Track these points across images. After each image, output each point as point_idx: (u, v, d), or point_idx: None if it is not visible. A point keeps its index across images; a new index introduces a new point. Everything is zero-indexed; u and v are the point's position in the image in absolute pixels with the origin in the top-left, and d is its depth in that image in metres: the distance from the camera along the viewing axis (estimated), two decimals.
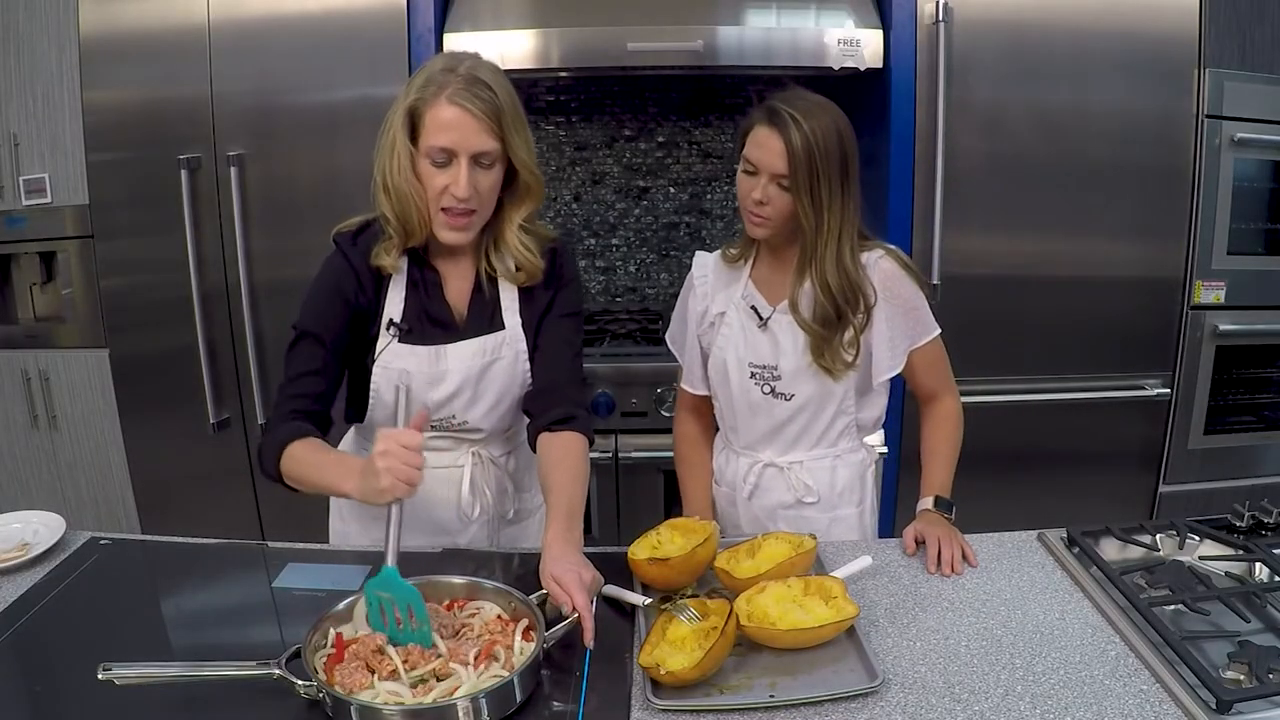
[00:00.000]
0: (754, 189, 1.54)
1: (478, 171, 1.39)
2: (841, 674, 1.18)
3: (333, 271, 1.49)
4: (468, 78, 1.37)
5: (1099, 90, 2.43)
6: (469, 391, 1.53)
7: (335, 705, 1.07)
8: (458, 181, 1.37)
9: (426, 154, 1.38)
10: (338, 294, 1.47)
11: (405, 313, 1.50)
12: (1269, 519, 1.53)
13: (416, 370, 1.50)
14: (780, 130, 1.49)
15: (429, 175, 1.39)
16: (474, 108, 1.36)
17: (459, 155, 1.37)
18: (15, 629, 1.29)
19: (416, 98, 1.38)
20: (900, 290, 1.60)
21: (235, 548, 1.60)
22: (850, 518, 1.70)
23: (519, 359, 1.55)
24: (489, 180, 1.41)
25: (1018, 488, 2.62)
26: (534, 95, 3.03)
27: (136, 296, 2.58)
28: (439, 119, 1.36)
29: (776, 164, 1.51)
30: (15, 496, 2.73)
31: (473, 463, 1.58)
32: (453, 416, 1.54)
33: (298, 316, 1.48)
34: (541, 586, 1.25)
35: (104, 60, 2.44)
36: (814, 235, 1.54)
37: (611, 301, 3.19)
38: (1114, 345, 2.60)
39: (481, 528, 1.62)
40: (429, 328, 1.51)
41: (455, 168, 1.38)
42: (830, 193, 1.51)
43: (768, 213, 1.54)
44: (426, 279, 1.52)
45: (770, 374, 1.63)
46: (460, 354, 1.51)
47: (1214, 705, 1.08)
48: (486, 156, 1.39)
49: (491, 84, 1.39)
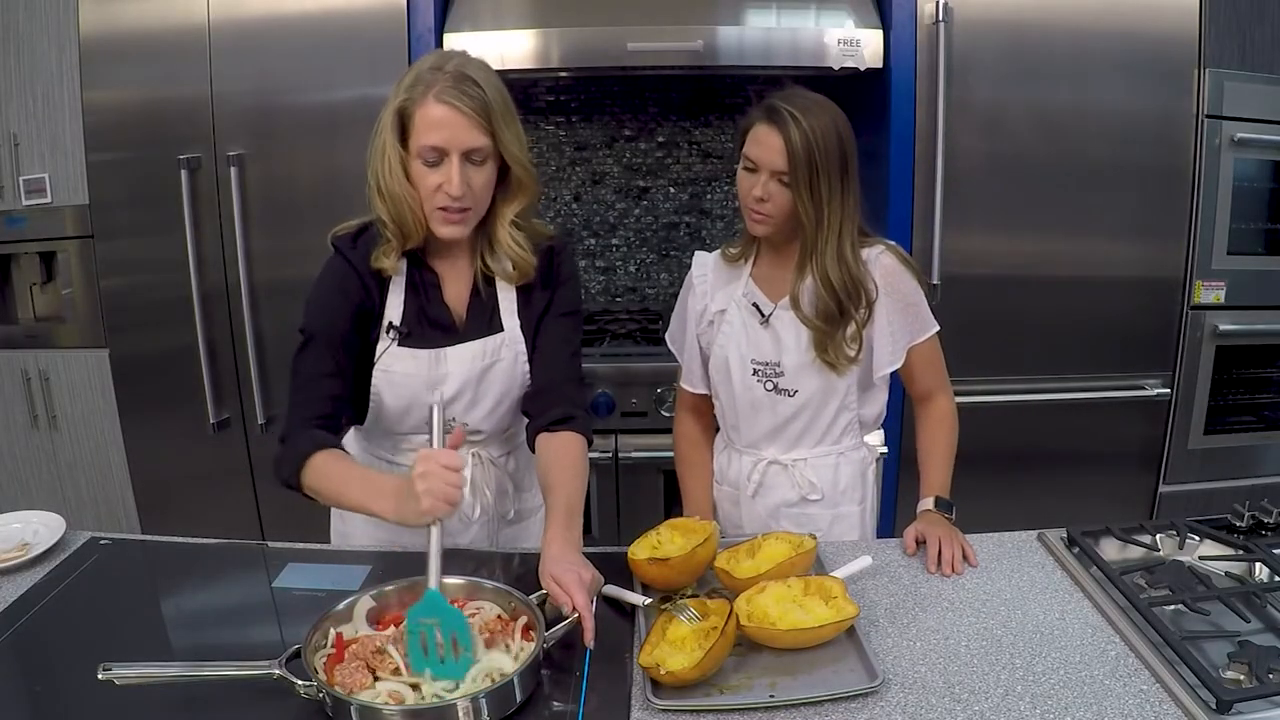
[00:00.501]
0: (754, 186, 1.54)
1: (470, 168, 1.38)
2: (841, 674, 1.18)
3: (335, 273, 1.48)
4: (455, 75, 1.36)
5: (1099, 90, 2.43)
6: (469, 394, 1.52)
7: (335, 705, 1.07)
8: (450, 180, 1.37)
9: (418, 154, 1.38)
10: (343, 295, 1.46)
11: (404, 316, 1.50)
12: (1269, 519, 1.53)
13: (416, 373, 1.49)
14: (779, 127, 1.50)
15: (421, 175, 1.39)
16: (463, 105, 1.35)
17: (450, 153, 1.36)
18: (15, 629, 1.29)
19: (405, 98, 1.37)
20: (900, 285, 1.61)
21: (235, 548, 1.60)
22: (852, 515, 1.71)
23: (518, 361, 1.54)
24: (482, 177, 1.40)
25: (1018, 488, 2.62)
26: (534, 95, 3.03)
27: (136, 296, 2.58)
28: (428, 118, 1.35)
29: (776, 161, 1.51)
30: (15, 496, 2.73)
31: (473, 464, 1.58)
32: (453, 419, 1.53)
33: (302, 321, 1.47)
34: (541, 586, 1.25)
35: (104, 60, 2.44)
36: (814, 231, 1.54)
37: (611, 301, 3.19)
38: (1114, 345, 2.60)
39: (482, 528, 1.62)
40: (428, 330, 1.51)
41: (447, 166, 1.37)
42: (830, 189, 1.52)
43: (768, 210, 1.55)
44: (425, 281, 1.51)
45: (773, 370, 1.64)
46: (460, 356, 1.51)
47: (1214, 705, 1.08)
48: (478, 153, 1.38)
49: (480, 80, 1.37)
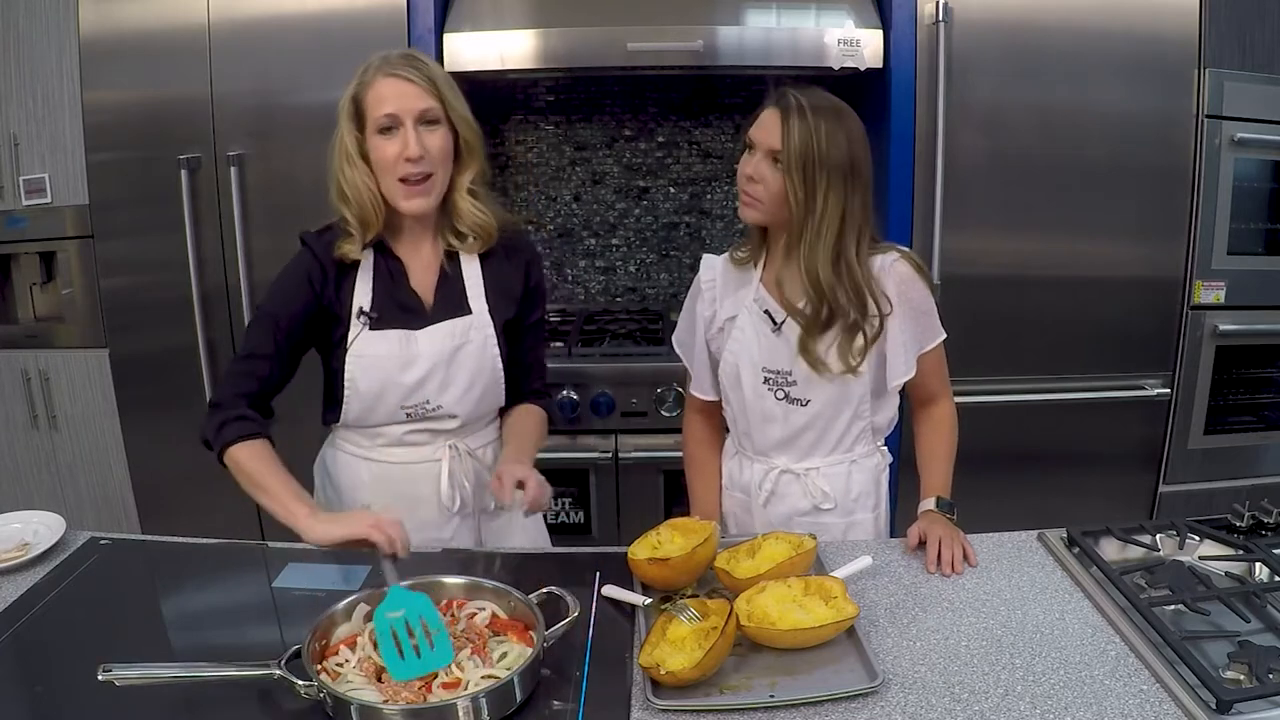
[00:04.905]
0: (746, 165, 1.54)
1: (424, 133, 1.48)
2: (841, 674, 1.18)
3: (298, 263, 1.57)
4: (401, 55, 1.50)
5: (1099, 90, 2.43)
6: (440, 374, 1.57)
7: (335, 705, 1.07)
8: (408, 143, 1.46)
9: (375, 127, 1.47)
10: (304, 282, 1.54)
11: (374, 301, 1.56)
12: (1269, 519, 1.53)
13: (388, 355, 1.55)
14: (782, 110, 1.51)
15: (380, 149, 1.47)
16: (410, 74, 1.47)
17: (404, 120, 1.46)
18: (15, 629, 1.29)
19: (357, 83, 1.49)
20: (914, 294, 1.59)
21: (235, 548, 1.60)
22: (866, 523, 1.69)
23: (487, 343, 1.60)
24: (436, 140, 1.49)
25: (1018, 488, 2.61)
26: (534, 95, 3.03)
27: (136, 296, 2.58)
28: (380, 94, 1.47)
29: (771, 140, 1.51)
30: (15, 496, 2.72)
31: (450, 455, 1.62)
32: (426, 401, 1.58)
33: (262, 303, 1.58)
34: (540, 586, 1.26)
35: (104, 60, 2.44)
36: (803, 217, 1.51)
37: (611, 301, 3.19)
38: (1114, 345, 2.60)
39: (464, 521, 1.65)
40: (398, 314, 1.57)
41: (403, 133, 1.46)
42: (829, 184, 1.49)
43: (758, 192, 1.53)
44: (391, 268, 1.58)
45: (785, 379, 1.61)
46: (430, 338, 1.57)
47: (1214, 705, 1.08)
48: (430, 113, 1.48)
49: (422, 57, 1.52)
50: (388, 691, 1.10)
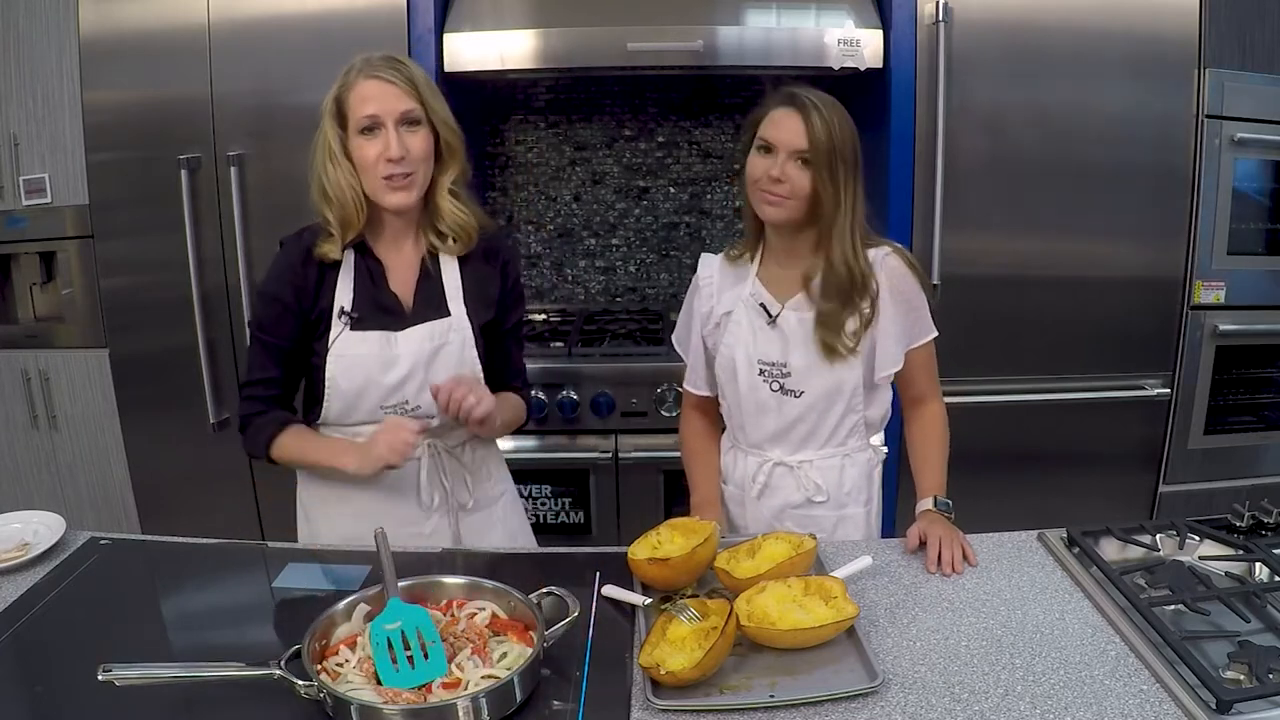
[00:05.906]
0: (771, 167, 1.54)
1: (406, 134, 1.50)
2: (841, 674, 1.18)
3: (278, 265, 1.61)
4: (382, 57, 1.53)
5: (1099, 90, 2.43)
6: (420, 375, 1.58)
7: (335, 705, 1.07)
8: (389, 144, 1.48)
9: (357, 127, 1.49)
10: (286, 286, 1.57)
11: (355, 302, 1.58)
12: (1269, 519, 1.53)
13: (369, 355, 1.56)
14: (800, 110, 1.53)
15: (362, 149, 1.50)
16: (391, 76, 1.50)
17: (385, 121, 1.49)
18: (15, 629, 1.29)
19: (340, 85, 1.52)
20: (905, 288, 1.62)
21: (235, 548, 1.60)
22: (858, 517, 1.71)
23: (465, 345, 1.62)
24: (418, 141, 1.51)
25: (1018, 488, 2.61)
26: (534, 95, 3.03)
27: (136, 296, 2.58)
28: (362, 95, 1.49)
29: (796, 141, 1.52)
30: (15, 496, 2.72)
31: (429, 454, 1.63)
32: (405, 401, 1.59)
33: (251, 315, 1.61)
34: (540, 586, 1.26)
35: (104, 60, 2.44)
36: (834, 210, 1.55)
37: (611, 301, 3.19)
38: (1114, 345, 2.60)
39: (443, 517, 1.66)
40: (379, 315, 1.59)
41: (384, 134, 1.49)
42: (846, 175, 1.54)
43: (785, 191, 1.55)
44: (371, 269, 1.60)
45: (779, 371, 1.63)
46: (410, 339, 1.58)
47: (1214, 705, 1.08)
48: (411, 114, 1.50)
49: (404, 60, 1.55)
50: (388, 692, 1.10)
